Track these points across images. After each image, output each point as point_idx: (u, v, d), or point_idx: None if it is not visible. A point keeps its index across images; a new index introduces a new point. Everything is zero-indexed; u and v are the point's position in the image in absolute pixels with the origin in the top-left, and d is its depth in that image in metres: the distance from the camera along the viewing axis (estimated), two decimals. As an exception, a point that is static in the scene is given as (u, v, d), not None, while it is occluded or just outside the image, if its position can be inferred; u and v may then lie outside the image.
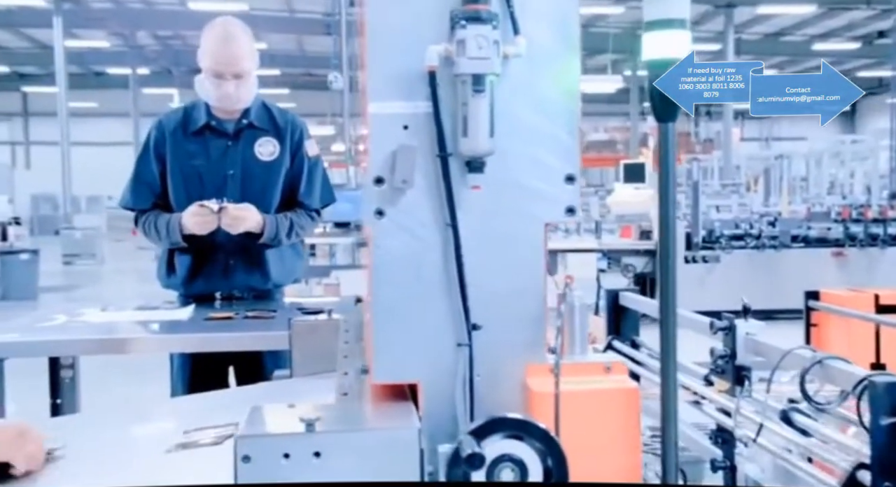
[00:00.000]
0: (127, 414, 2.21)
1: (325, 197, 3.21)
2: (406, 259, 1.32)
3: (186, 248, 3.01)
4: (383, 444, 1.18)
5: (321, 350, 2.25)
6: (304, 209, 3.11)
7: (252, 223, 2.92)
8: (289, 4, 18.55)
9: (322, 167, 3.24)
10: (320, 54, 18.62)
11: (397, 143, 1.30)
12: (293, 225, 3.06)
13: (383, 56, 1.30)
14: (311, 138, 3.24)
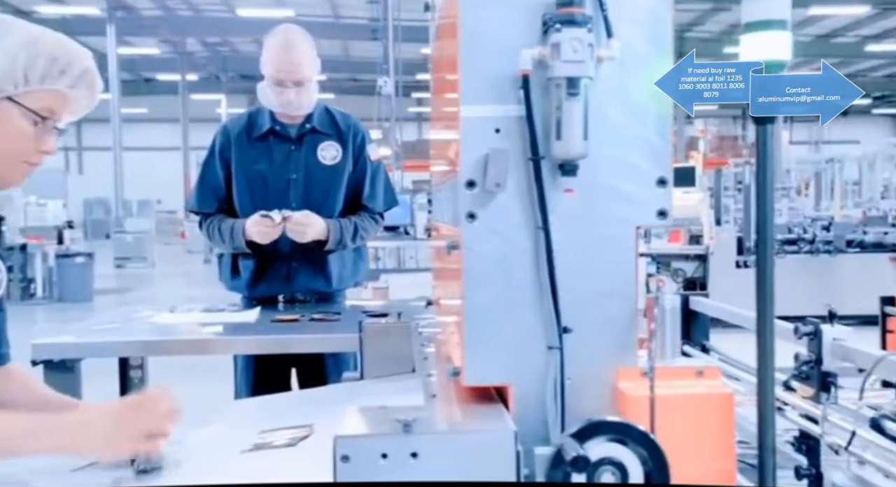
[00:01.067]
0: (199, 415, 2.25)
1: (388, 200, 3.25)
2: (497, 262, 1.32)
3: (253, 253, 3.06)
4: (480, 446, 1.19)
5: (391, 352, 2.28)
6: (367, 212, 3.15)
7: (317, 230, 2.95)
8: (334, 10, 18.75)
9: (384, 170, 3.28)
10: (365, 59, 18.79)
11: (489, 147, 1.31)
12: (357, 228, 3.09)
13: (476, 60, 1.31)
14: (372, 142, 3.28)
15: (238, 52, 23.26)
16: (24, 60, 1.36)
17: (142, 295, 12.51)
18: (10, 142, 1.39)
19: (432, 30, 2.02)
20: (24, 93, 1.37)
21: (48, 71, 1.38)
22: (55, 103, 1.41)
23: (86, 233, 19.87)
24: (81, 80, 1.43)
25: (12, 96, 1.37)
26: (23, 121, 1.38)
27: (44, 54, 1.38)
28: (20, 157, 1.41)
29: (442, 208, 1.77)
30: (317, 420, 1.75)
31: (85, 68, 1.43)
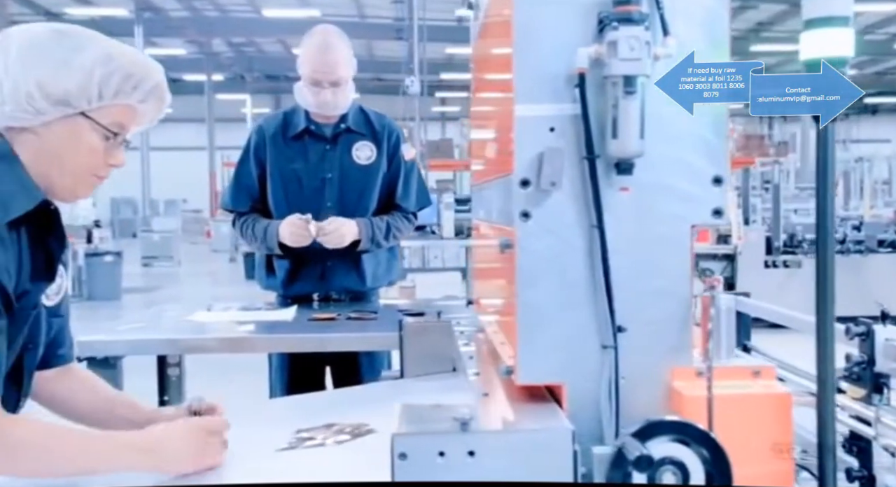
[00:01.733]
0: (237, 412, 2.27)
1: (421, 199, 3.26)
2: (551, 261, 1.32)
3: (286, 253, 3.08)
4: (537, 445, 1.19)
5: (431, 350, 2.28)
6: (400, 212, 3.16)
7: (352, 233, 2.97)
8: (359, 10, 18.80)
9: (418, 170, 3.29)
10: (390, 59, 18.83)
11: (543, 146, 1.30)
12: (390, 227, 3.10)
13: (531, 59, 1.31)
14: (406, 142, 3.29)
15: (263, 53, 23.41)
16: (99, 77, 1.37)
17: (169, 293, 12.62)
18: (82, 156, 1.40)
19: (475, 29, 2.02)
20: (97, 109, 1.38)
21: (122, 87, 1.39)
22: (125, 117, 1.43)
23: (113, 232, 20.05)
24: (152, 95, 1.44)
25: (86, 112, 1.38)
26: (94, 136, 1.40)
27: (119, 71, 1.39)
28: (90, 172, 1.43)
29: (487, 206, 1.78)
30: (369, 419, 1.76)
31: (156, 83, 1.44)
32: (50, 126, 1.37)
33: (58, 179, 1.40)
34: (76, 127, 1.38)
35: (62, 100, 1.36)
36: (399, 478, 1.18)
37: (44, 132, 1.37)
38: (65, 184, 1.41)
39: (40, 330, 1.49)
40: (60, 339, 1.62)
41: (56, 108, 1.36)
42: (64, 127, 1.38)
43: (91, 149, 1.40)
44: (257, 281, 3.29)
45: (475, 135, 2.08)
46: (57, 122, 1.37)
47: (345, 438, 1.69)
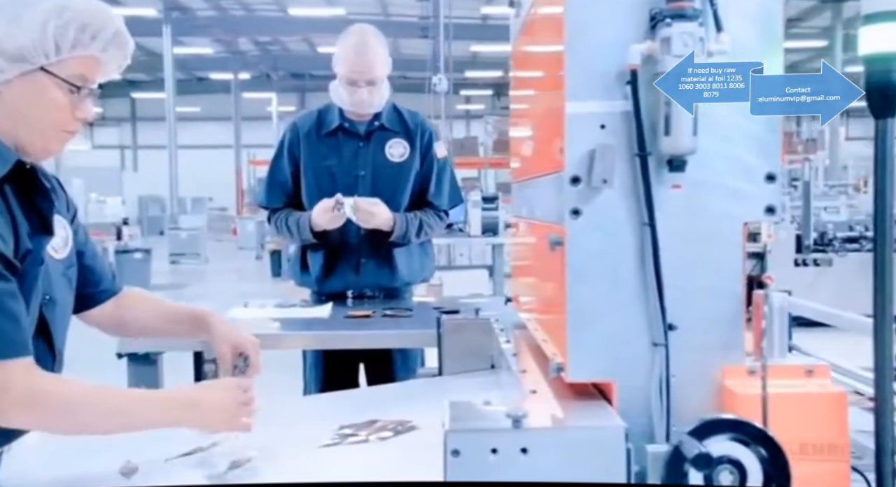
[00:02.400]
0: (278, 408, 2.28)
1: (454, 197, 3.26)
2: (601, 258, 1.32)
3: (319, 247, 3.09)
4: (590, 442, 1.18)
5: (470, 348, 2.28)
6: (432, 209, 3.16)
7: (383, 219, 2.97)
8: (384, 8, 18.84)
9: (450, 168, 3.28)
10: (415, 57, 18.84)
11: (594, 143, 1.30)
12: (422, 224, 3.10)
13: (582, 56, 1.30)
14: (439, 140, 3.29)
15: (288, 51, 23.51)
16: (54, 30, 1.35)
17: (197, 290, 12.71)
18: (47, 113, 1.38)
19: (516, 26, 2.02)
20: (56, 63, 1.36)
21: (79, 38, 1.37)
22: (87, 69, 1.40)
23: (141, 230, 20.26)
24: (112, 43, 1.41)
25: (45, 67, 1.36)
26: (57, 90, 1.37)
27: (74, 22, 1.36)
28: (59, 127, 1.41)
29: (530, 204, 1.77)
30: (411, 416, 1.76)
31: (115, 30, 1.41)
32: (11, 84, 1.36)
33: (26, 137, 1.39)
34: (37, 83, 1.36)
35: (18, 56, 1.34)
36: (451, 475, 1.18)
37: (5, 91, 1.36)
38: (34, 142, 1.40)
39: (52, 284, 1.50)
40: (96, 278, 1.67)
41: (13, 66, 1.34)
42: (25, 84, 1.36)
43: (55, 105, 1.38)
44: (292, 277, 3.31)
45: (516, 133, 2.08)
46: (17, 80, 1.36)
47: (387, 435, 1.69)
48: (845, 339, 3.35)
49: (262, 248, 17.04)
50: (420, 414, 1.73)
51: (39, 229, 1.43)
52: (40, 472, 1.56)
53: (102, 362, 2.60)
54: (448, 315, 2.54)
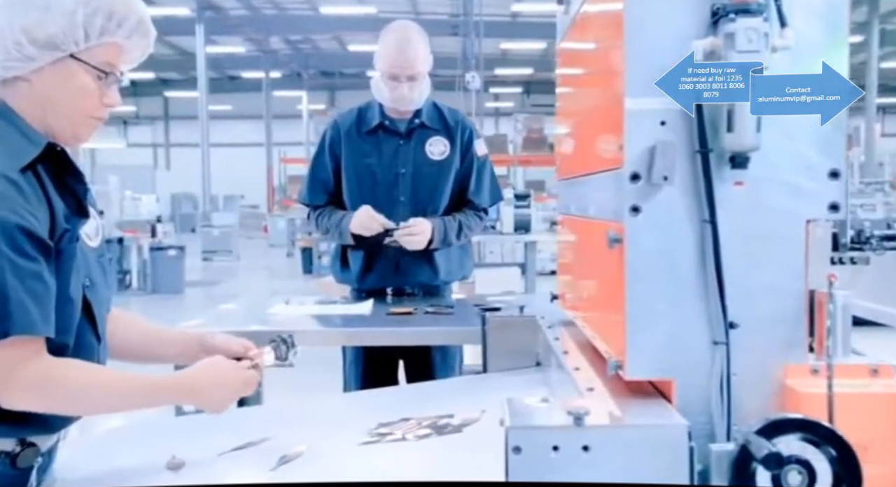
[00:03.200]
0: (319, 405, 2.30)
1: (494, 195, 3.26)
2: (661, 255, 1.31)
3: (359, 245, 3.11)
4: (652, 441, 1.18)
5: (515, 345, 2.28)
6: (472, 208, 3.16)
7: (424, 236, 2.99)
8: (414, 6, 18.85)
9: (490, 166, 3.28)
10: (444, 55, 18.83)
11: (654, 140, 1.29)
12: (461, 226, 3.11)
13: (642, 52, 1.30)
14: (480, 138, 3.29)
15: (319, 50, 23.62)
16: (82, 18, 1.38)
17: (229, 287, 12.82)
18: (77, 99, 1.42)
19: (564, 23, 2.01)
20: (84, 50, 1.40)
21: (106, 26, 1.40)
22: (113, 56, 1.44)
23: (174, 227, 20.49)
24: (136, 31, 1.44)
25: (74, 54, 1.39)
26: (86, 77, 1.41)
27: (101, 10, 1.39)
28: (87, 114, 1.44)
29: (581, 201, 1.76)
30: (456, 411, 1.76)
31: (139, 18, 1.44)
32: (41, 72, 1.40)
33: (56, 123, 1.43)
34: (67, 70, 1.40)
35: (49, 43, 1.38)
36: (513, 471, 1.19)
37: (36, 79, 1.40)
38: (64, 128, 1.44)
39: (90, 268, 1.53)
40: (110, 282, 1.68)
41: (45, 53, 1.38)
42: (55, 71, 1.40)
43: (84, 91, 1.42)
44: (332, 274, 3.33)
45: (563, 131, 2.07)
46: (48, 67, 1.39)
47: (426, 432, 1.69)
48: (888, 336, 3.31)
49: (292, 245, 17.16)
50: (466, 412, 1.73)
51: (75, 211, 1.46)
52: (86, 466, 1.58)
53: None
54: (490, 312, 2.54)
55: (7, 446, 1.40)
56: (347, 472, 1.52)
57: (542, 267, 10.23)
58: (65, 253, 1.41)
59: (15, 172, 1.35)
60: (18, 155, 1.37)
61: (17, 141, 1.39)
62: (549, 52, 23.51)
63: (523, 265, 8.87)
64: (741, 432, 1.19)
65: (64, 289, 1.41)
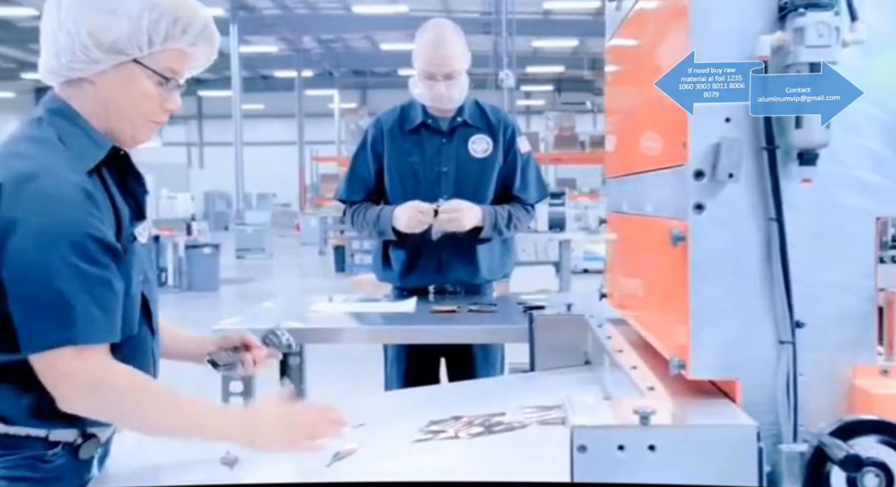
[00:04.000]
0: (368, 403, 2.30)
1: (540, 191, 3.25)
2: (725, 253, 1.29)
3: (401, 242, 3.11)
4: (721, 441, 1.17)
5: (562, 344, 2.27)
6: (519, 203, 3.15)
7: (473, 217, 2.97)
8: (446, 5, 18.85)
9: (534, 162, 3.27)
10: (476, 53, 18.83)
11: (719, 136, 1.28)
12: (511, 216, 3.09)
13: (707, 47, 1.28)
14: (522, 135, 3.28)
15: (350, 49, 23.72)
16: (147, 23, 1.39)
17: (262, 285, 12.92)
18: (138, 103, 1.43)
19: (614, 19, 1.99)
20: (148, 56, 1.41)
21: (170, 32, 1.41)
22: (177, 62, 1.45)
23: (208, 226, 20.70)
24: (201, 37, 1.45)
25: (138, 59, 1.41)
26: (148, 82, 1.42)
27: (166, 16, 1.40)
28: (147, 117, 1.46)
29: (635, 199, 1.75)
30: (507, 409, 1.76)
31: (204, 24, 1.45)
32: (105, 75, 1.41)
33: (117, 126, 1.44)
34: (130, 74, 1.41)
35: (114, 47, 1.39)
36: (578, 470, 1.18)
37: (100, 81, 1.41)
38: (124, 131, 1.45)
39: (143, 264, 1.55)
40: None
41: (109, 57, 1.39)
42: (119, 75, 1.41)
43: (146, 95, 1.43)
44: (374, 272, 3.33)
45: (613, 128, 2.05)
46: (112, 71, 1.41)
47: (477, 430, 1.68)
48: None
49: (324, 244, 17.25)
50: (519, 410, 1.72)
51: (136, 213, 1.48)
52: (142, 458, 1.59)
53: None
54: (535, 310, 2.53)
55: (69, 437, 1.42)
56: (400, 470, 1.52)
57: (574, 265, 10.18)
58: (128, 253, 1.44)
59: (83, 175, 1.37)
60: (84, 157, 1.40)
61: (83, 143, 1.41)
62: (581, 50, 23.42)
63: (557, 263, 8.84)
64: (810, 433, 1.17)
65: (128, 288, 1.43)
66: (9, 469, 1.35)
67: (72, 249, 1.31)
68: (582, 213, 13.47)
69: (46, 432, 1.38)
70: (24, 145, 1.41)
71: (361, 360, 3.98)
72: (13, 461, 1.36)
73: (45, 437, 1.38)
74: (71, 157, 1.38)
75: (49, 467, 1.39)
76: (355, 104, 26.25)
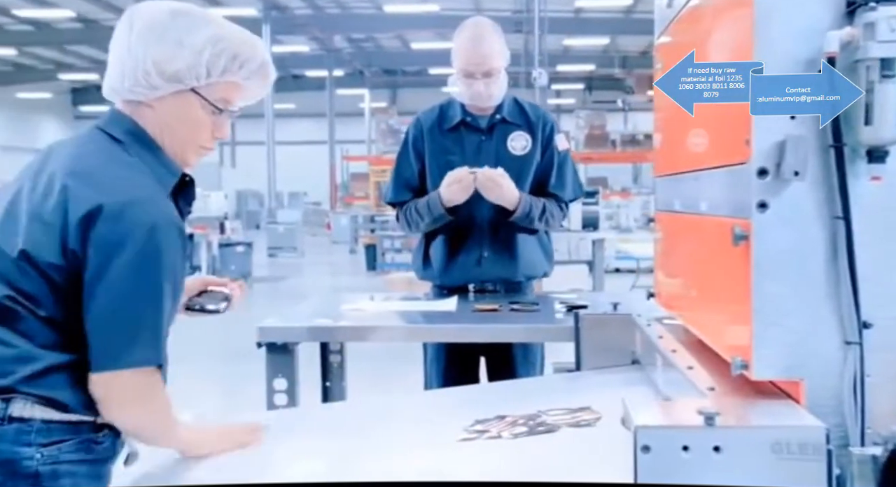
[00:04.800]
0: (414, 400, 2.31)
1: (576, 189, 3.23)
2: (790, 252, 1.28)
3: (441, 237, 3.10)
4: (789, 442, 1.15)
5: (610, 343, 2.25)
6: (554, 199, 3.14)
7: (507, 192, 2.95)
8: (476, 4, 18.83)
9: (571, 160, 3.25)
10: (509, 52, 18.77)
11: (783, 134, 1.26)
12: (545, 209, 3.08)
13: (772, 44, 1.26)
14: (560, 132, 3.26)
15: (381, 48, 23.78)
16: (208, 57, 1.45)
17: (295, 283, 13.01)
18: (190, 130, 1.49)
19: (665, 16, 1.97)
20: (205, 86, 1.46)
21: (228, 66, 1.47)
22: (231, 93, 1.50)
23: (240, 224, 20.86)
24: (257, 74, 1.51)
25: (195, 88, 1.46)
26: (202, 111, 1.48)
27: (227, 51, 1.46)
28: (198, 143, 1.51)
29: (688, 197, 1.73)
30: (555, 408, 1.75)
31: (261, 62, 1.51)
32: (163, 100, 1.46)
33: (170, 149, 1.49)
34: (187, 102, 1.46)
35: (174, 77, 1.44)
36: (642, 471, 1.17)
37: (157, 105, 1.47)
38: (175, 154, 1.50)
39: None
40: None
41: (169, 85, 1.45)
42: (175, 101, 1.46)
43: (199, 123, 1.49)
44: (414, 271, 3.33)
45: (664, 126, 2.03)
46: (170, 97, 1.46)
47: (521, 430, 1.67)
48: None
49: (355, 242, 17.31)
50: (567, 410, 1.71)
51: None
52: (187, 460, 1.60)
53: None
54: (578, 309, 2.52)
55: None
56: (449, 469, 1.51)
57: (606, 264, 10.11)
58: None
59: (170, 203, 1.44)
60: (163, 183, 1.46)
61: (159, 169, 1.47)
62: (612, 48, 23.27)
63: (590, 262, 8.79)
64: (880, 435, 1.15)
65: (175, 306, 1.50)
66: (71, 453, 1.42)
67: (164, 277, 1.39)
68: (614, 212, 13.40)
69: (94, 416, 1.45)
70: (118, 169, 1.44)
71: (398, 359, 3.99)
72: (73, 445, 1.43)
73: (94, 421, 1.45)
74: (153, 183, 1.44)
75: (100, 448, 1.46)
76: (385, 103, 26.33)
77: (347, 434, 1.75)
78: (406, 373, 3.55)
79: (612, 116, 20.54)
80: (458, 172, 2.94)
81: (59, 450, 1.41)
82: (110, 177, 1.41)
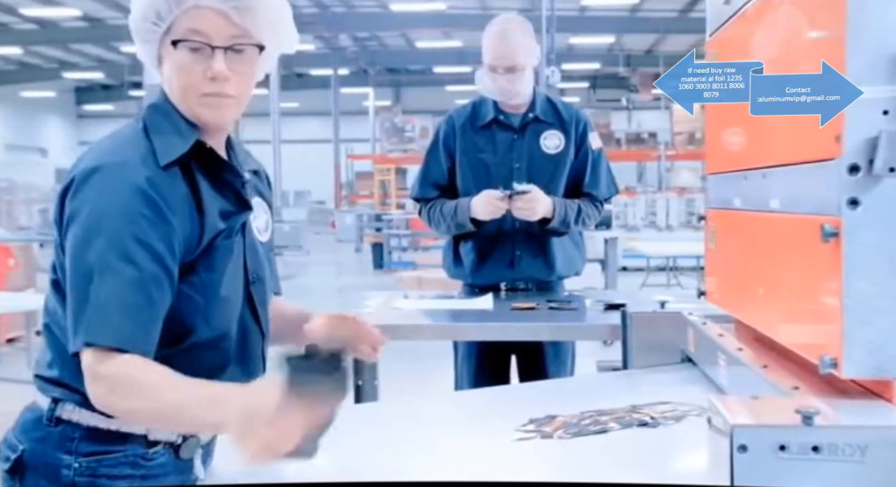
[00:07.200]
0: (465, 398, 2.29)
1: (610, 188, 3.23)
2: (882, 250, 1.26)
3: (472, 237, 3.09)
4: (890, 443, 1.13)
5: (659, 341, 2.24)
6: (589, 199, 3.13)
7: (545, 206, 2.95)
8: (483, 2, 18.81)
9: (605, 159, 3.24)
10: (513, 50, 18.73)
11: (876, 129, 1.24)
12: (581, 211, 3.07)
13: (865, 37, 1.24)
14: (594, 131, 3.25)
15: (386, 47, 23.75)
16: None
17: (301, 281, 12.99)
18: (180, 77, 1.39)
19: (723, 12, 1.95)
20: (169, 30, 1.38)
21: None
22: (196, 22, 1.37)
23: (244, 223, 20.76)
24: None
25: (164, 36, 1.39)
26: (180, 53, 1.38)
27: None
28: (195, 90, 1.39)
29: (755, 195, 1.71)
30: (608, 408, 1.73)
31: None
32: (161, 62, 1.42)
33: (181, 107, 1.41)
34: (169, 52, 1.40)
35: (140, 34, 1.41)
36: (738, 471, 1.15)
37: (163, 70, 1.43)
38: (186, 111, 1.41)
39: (260, 263, 1.50)
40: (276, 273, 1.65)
41: (146, 46, 1.42)
42: (166, 58, 1.41)
43: (182, 67, 1.38)
44: (444, 269, 3.32)
45: (720, 122, 2.01)
46: (165, 57, 1.41)
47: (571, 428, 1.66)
48: None
49: (360, 241, 17.30)
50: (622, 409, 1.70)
51: (235, 205, 1.44)
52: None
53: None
54: (617, 308, 2.51)
55: (171, 436, 1.41)
56: (507, 470, 1.49)
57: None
58: (218, 251, 1.40)
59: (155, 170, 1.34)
60: (167, 151, 1.37)
61: (169, 137, 1.39)
62: (616, 46, 23.23)
63: (602, 261, 8.79)
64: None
65: (216, 287, 1.40)
66: (111, 466, 1.35)
67: (109, 247, 1.28)
68: (620, 211, 13.39)
69: (145, 430, 1.37)
70: (105, 141, 1.42)
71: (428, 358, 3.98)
72: (115, 459, 1.35)
73: (145, 436, 1.37)
74: (147, 152, 1.36)
75: (151, 465, 1.38)
76: (389, 102, 26.31)
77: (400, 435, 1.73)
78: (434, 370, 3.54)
79: (617, 115, 20.53)
80: (492, 195, 2.92)
81: (99, 463, 1.34)
82: (90, 150, 1.39)
